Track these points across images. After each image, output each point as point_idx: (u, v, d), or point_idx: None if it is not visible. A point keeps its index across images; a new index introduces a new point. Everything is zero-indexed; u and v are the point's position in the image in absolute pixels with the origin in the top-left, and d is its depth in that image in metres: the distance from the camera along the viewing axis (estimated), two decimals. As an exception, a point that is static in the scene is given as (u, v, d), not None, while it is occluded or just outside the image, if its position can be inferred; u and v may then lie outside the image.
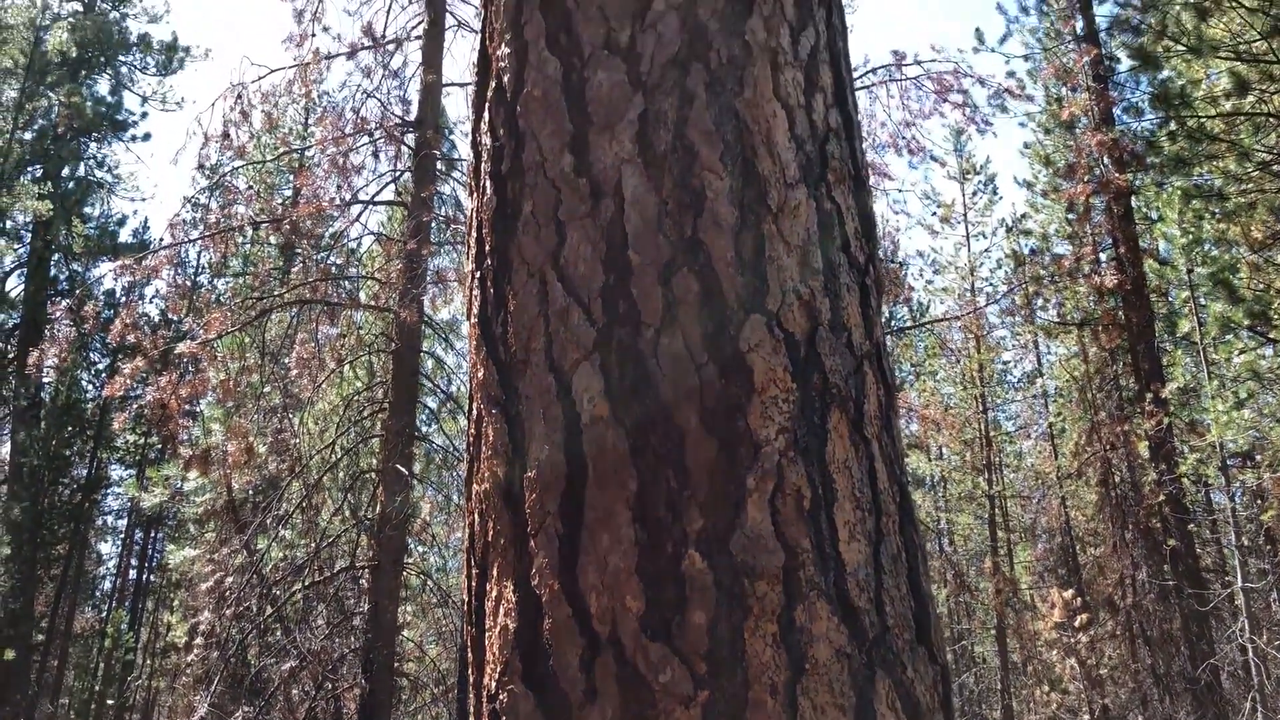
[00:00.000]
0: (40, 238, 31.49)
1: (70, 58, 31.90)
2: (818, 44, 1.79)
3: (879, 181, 15.64)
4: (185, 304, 14.37)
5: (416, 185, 12.36)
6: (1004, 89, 16.11)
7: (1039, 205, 21.57)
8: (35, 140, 31.94)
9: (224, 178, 14.16)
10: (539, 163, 1.67)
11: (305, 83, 13.15)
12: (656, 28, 1.67)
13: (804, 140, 1.67)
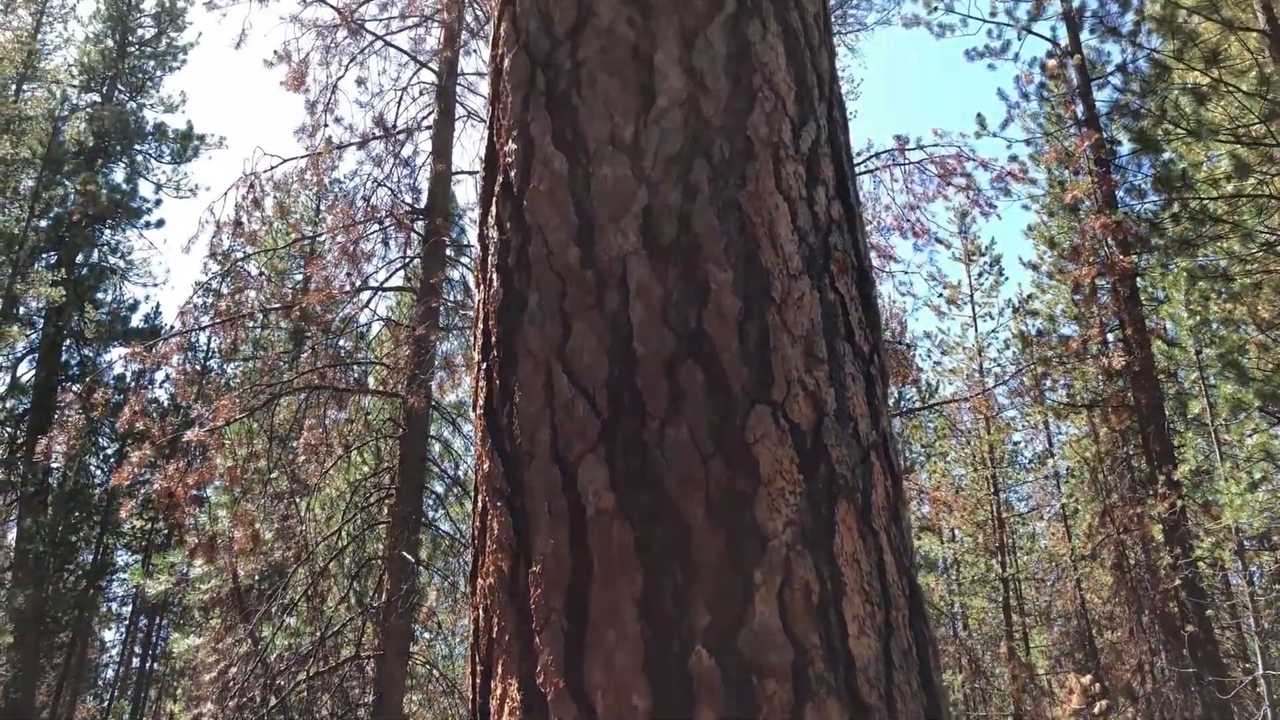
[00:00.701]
0: (52, 323, 31.74)
1: (87, 147, 32.50)
2: (819, 138, 1.82)
3: (885, 264, 15.73)
4: (194, 390, 14.42)
5: (426, 271, 12.49)
6: (1007, 172, 16.25)
7: (1045, 286, 21.66)
8: (50, 227, 32.39)
9: (236, 264, 14.32)
10: (545, 255, 1.69)
11: (317, 171, 13.37)
12: (660, 124, 1.70)
13: (807, 232, 1.69)
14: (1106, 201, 15.69)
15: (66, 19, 33.95)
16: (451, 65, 13.21)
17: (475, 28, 13.77)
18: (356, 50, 13.59)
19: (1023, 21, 18.72)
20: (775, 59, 1.81)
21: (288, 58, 13.01)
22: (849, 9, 22.29)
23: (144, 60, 35.40)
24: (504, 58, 1.99)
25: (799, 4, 1.95)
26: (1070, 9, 17.58)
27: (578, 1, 1.87)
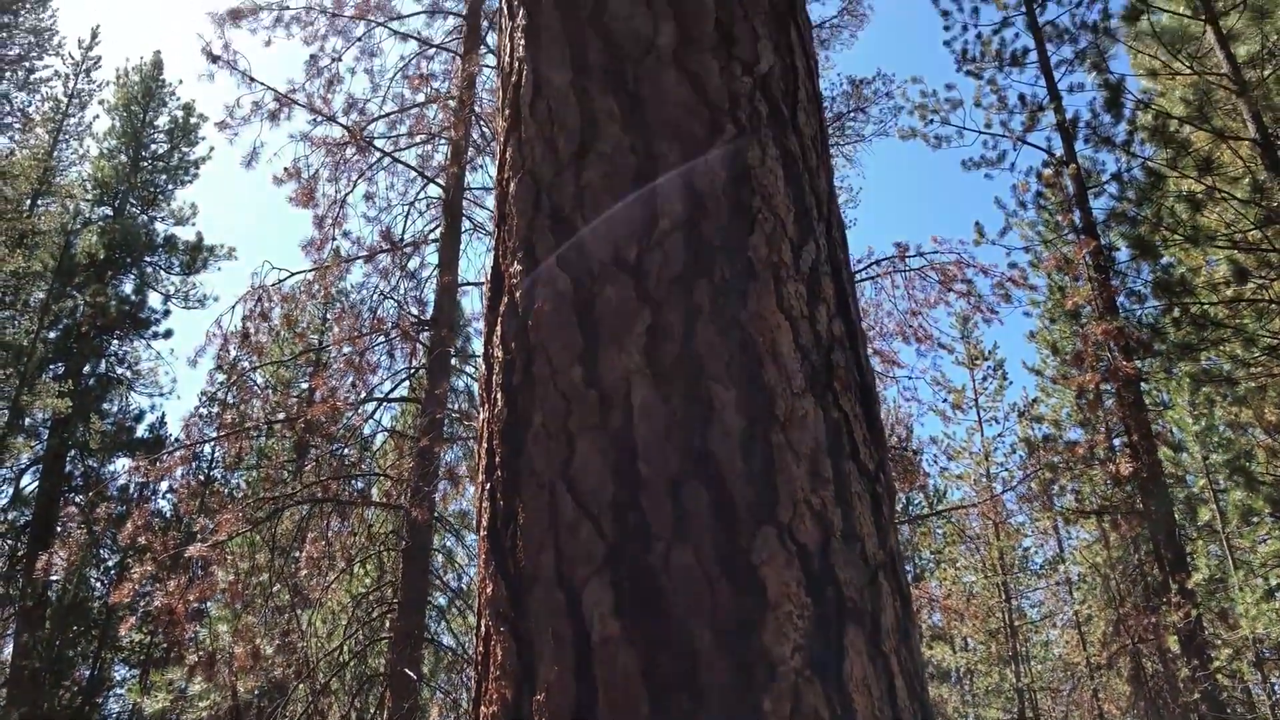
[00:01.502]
0: (58, 435, 31.74)
1: (98, 259, 32.95)
2: (819, 257, 1.84)
3: (888, 370, 15.75)
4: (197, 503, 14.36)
5: (431, 382, 12.55)
6: (1007, 279, 16.40)
7: (1049, 391, 21.68)
8: (59, 338, 32.65)
9: (242, 375, 14.39)
10: (549, 375, 1.70)
11: (324, 284, 13.54)
12: (663, 245, 1.73)
13: (809, 350, 1.70)
14: (1107, 307, 15.82)
15: (83, 136, 34.77)
16: (458, 180, 13.49)
17: (481, 144, 14.10)
18: (365, 166, 13.91)
19: (1018, 132, 19.16)
20: (774, 182, 1.85)
21: (297, 174, 13.29)
22: (847, 122, 22.79)
23: (157, 174, 36.13)
24: (509, 181, 2.03)
25: (797, 128, 2.00)
26: (1064, 120, 17.98)
27: (581, 128, 1.91)
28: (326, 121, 13.84)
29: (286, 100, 13.63)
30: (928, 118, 19.87)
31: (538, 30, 2.14)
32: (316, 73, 14.10)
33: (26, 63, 32.81)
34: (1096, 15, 18.52)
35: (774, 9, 2.16)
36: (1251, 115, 14.79)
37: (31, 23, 33.17)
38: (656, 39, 1.98)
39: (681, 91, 1.91)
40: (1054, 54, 19.24)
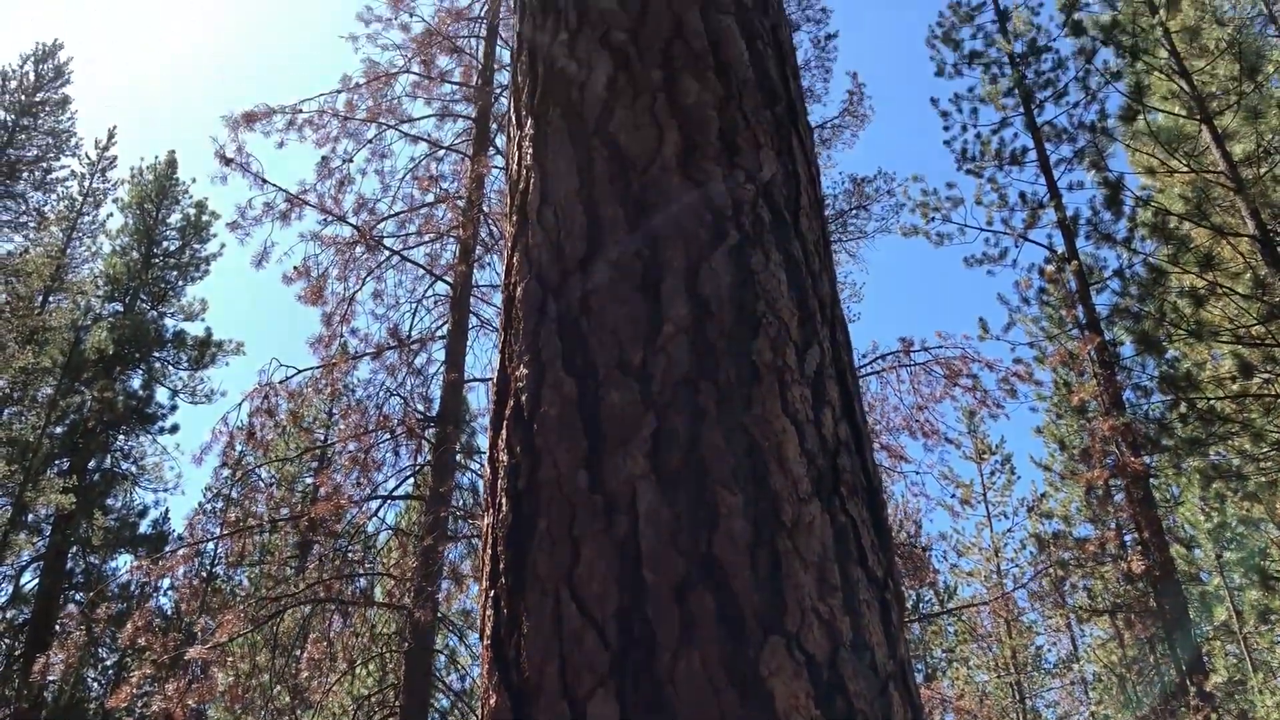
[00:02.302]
0: (60, 531, 31.53)
1: (107, 354, 33.12)
2: (823, 360, 1.85)
3: (896, 465, 15.70)
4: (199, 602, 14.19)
5: (435, 480, 12.51)
6: (1012, 373, 16.43)
7: (1058, 485, 21.51)
8: (65, 434, 32.64)
9: (247, 472, 14.36)
10: (554, 479, 1.69)
11: (331, 382, 13.60)
12: (667, 349, 1.74)
13: (815, 454, 1.70)
14: (1113, 403, 15.81)
15: (96, 234, 35.25)
16: (466, 278, 13.64)
17: (490, 242, 14.29)
18: (374, 264, 14.08)
19: (1019, 230, 19.37)
20: (778, 286, 1.86)
21: (307, 273, 13.45)
22: (849, 219, 23.08)
23: (168, 271, 36.52)
24: (516, 286, 2.06)
25: (799, 233, 2.03)
26: (1065, 217, 18.20)
27: (588, 234, 1.94)
28: (337, 221, 14.06)
29: (298, 201, 13.87)
30: (929, 215, 20.13)
31: (545, 139, 2.19)
32: (328, 173, 14.37)
33: (44, 163, 33.46)
34: (1094, 115, 18.89)
35: (776, 118, 2.21)
36: (1250, 212, 14.96)
37: (50, 125, 33.92)
38: (662, 148, 2.02)
39: (686, 199, 1.94)
40: (1053, 153, 19.57)
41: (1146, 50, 16.50)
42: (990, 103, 20.64)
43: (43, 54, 34.18)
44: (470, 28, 16.44)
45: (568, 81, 2.23)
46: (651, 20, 2.25)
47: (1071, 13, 17.42)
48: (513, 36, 2.73)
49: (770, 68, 2.33)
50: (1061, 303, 18.63)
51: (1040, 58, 20.33)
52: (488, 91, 15.45)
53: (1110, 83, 17.76)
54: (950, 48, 21.49)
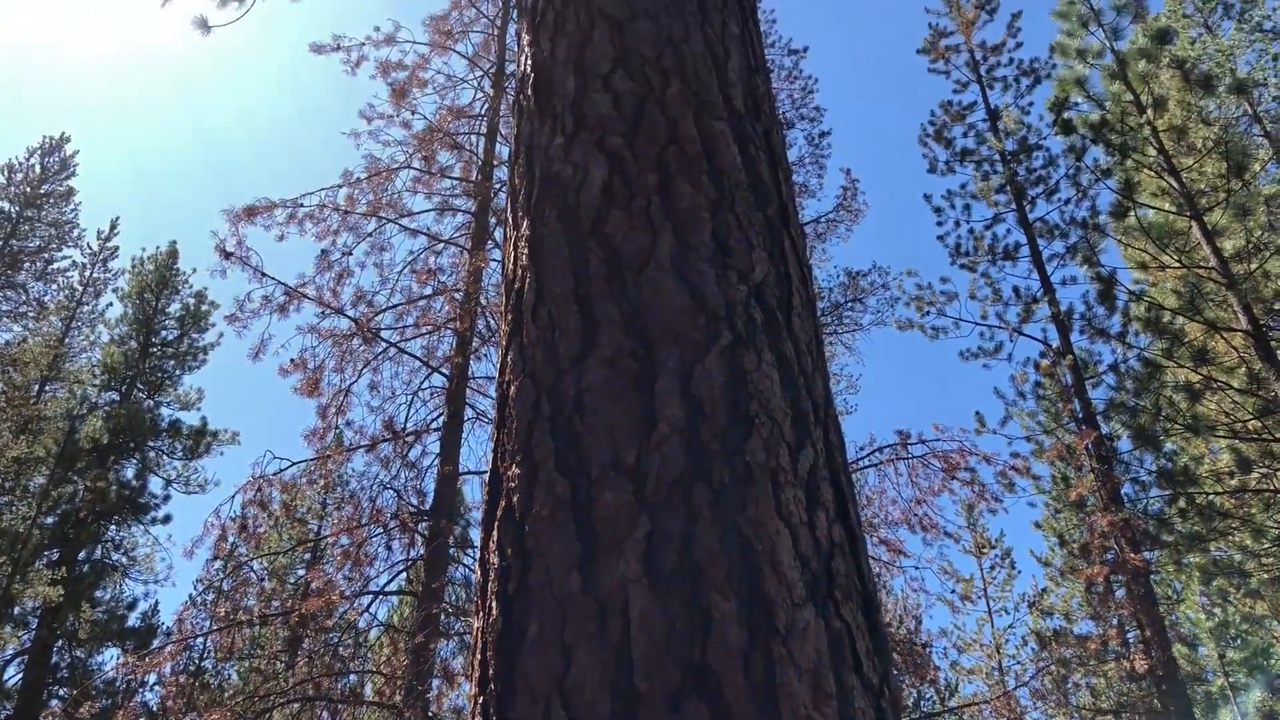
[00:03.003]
0: (46, 624, 30.99)
1: (101, 444, 32.96)
2: (817, 462, 1.85)
3: (894, 559, 15.56)
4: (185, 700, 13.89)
5: (428, 575, 12.37)
6: (1010, 467, 16.39)
7: (1059, 580, 21.28)
8: (56, 524, 32.29)
9: (239, 565, 14.20)
10: (546, 583, 1.68)
11: (325, 474, 13.54)
12: (661, 449, 1.74)
13: (809, 558, 1.68)
14: (1111, 498, 15.73)
15: (95, 323, 35.39)
16: (462, 370, 13.67)
17: (486, 334, 14.35)
18: (371, 356, 14.13)
19: (1013, 324, 19.49)
20: (771, 386, 1.87)
21: (303, 365, 13.49)
22: (845, 311, 23.28)
23: (165, 360, 36.54)
24: (510, 384, 2.06)
25: (792, 333, 2.04)
26: (1059, 312, 18.32)
27: (583, 333, 1.95)
28: (335, 314, 14.15)
29: (296, 294, 13.97)
30: (924, 310, 20.28)
31: (541, 240, 2.21)
32: (327, 266, 14.51)
33: (46, 254, 33.76)
34: (1085, 212, 19.14)
35: (768, 220, 2.24)
36: (1242, 307, 15.09)
37: (54, 216, 34.31)
38: (656, 249, 2.04)
39: (679, 299, 1.96)
40: (1046, 248, 19.78)
41: (1135, 148, 16.82)
42: (983, 199, 20.95)
43: (49, 147, 34.74)
44: (470, 125, 16.76)
45: (564, 184, 2.27)
46: (647, 125, 2.30)
47: (1061, 112, 17.78)
48: (511, 138, 2.79)
49: (763, 171, 2.37)
50: (1058, 397, 18.65)
51: (1031, 155, 20.70)
52: (487, 187, 15.68)
53: (1101, 180, 18.05)
54: (942, 145, 21.90)
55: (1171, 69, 17.94)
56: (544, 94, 2.55)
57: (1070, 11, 17.80)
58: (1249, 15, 26.71)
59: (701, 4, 2.67)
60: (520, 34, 2.95)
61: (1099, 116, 16.99)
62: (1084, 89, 17.42)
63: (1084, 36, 17.74)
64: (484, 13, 17.79)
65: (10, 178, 33.59)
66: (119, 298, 36.17)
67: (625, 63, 2.45)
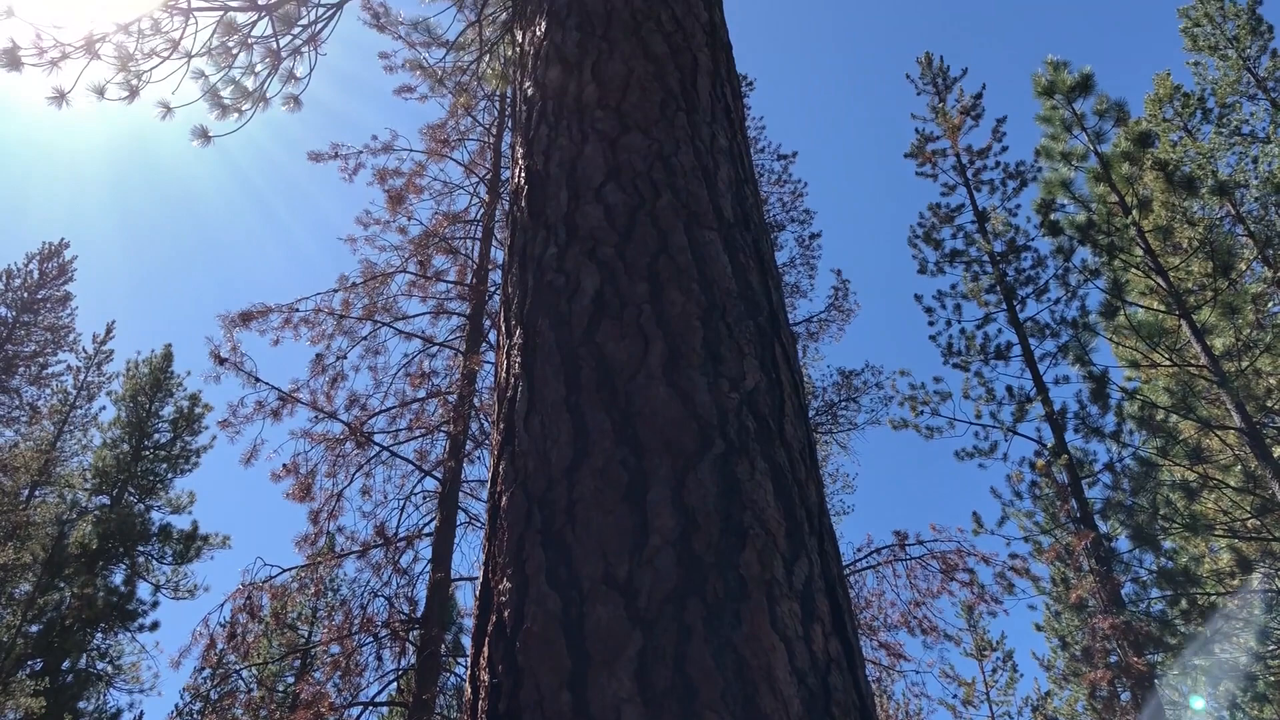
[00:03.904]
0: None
1: (90, 549, 32.57)
2: (812, 573, 1.83)
3: (894, 663, 15.31)
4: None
5: (419, 686, 12.10)
6: (1009, 568, 16.27)
7: (1062, 684, 20.91)
8: (41, 633, 31.71)
9: (227, 674, 13.90)
10: (536, 701, 1.64)
11: (316, 580, 13.37)
12: (654, 562, 1.72)
13: (805, 673, 1.65)
14: (1112, 600, 15.53)
15: (88, 427, 35.27)
16: (455, 474, 13.61)
17: (480, 437, 14.33)
18: (363, 460, 14.05)
19: (1008, 424, 19.50)
20: (764, 496, 1.86)
21: (295, 470, 13.42)
22: (839, 410, 23.29)
23: (157, 463, 36.34)
24: (501, 495, 2.05)
25: (784, 441, 2.04)
26: (1052, 412, 18.35)
27: (574, 442, 1.95)
28: (328, 418, 14.12)
29: (290, 399, 13.96)
30: (918, 409, 20.31)
31: (534, 349, 2.22)
32: (321, 370, 14.53)
33: (41, 359, 33.84)
34: (1075, 312, 19.31)
35: (759, 328, 2.25)
36: (1235, 406, 15.11)
37: (50, 321, 34.49)
38: (647, 357, 2.05)
39: (671, 407, 1.96)
40: (1037, 348, 19.91)
41: (1123, 249, 17.05)
42: (973, 299, 21.16)
43: (48, 252, 35.11)
44: (466, 229, 16.97)
45: (556, 293, 2.29)
46: (638, 236, 2.33)
47: (1047, 213, 18.08)
48: (505, 247, 2.82)
49: (753, 279, 2.39)
50: (1055, 496, 18.55)
51: (1020, 256, 21.00)
52: (482, 290, 15.81)
53: (1089, 279, 18.26)
54: (931, 247, 22.22)
55: (1154, 171, 18.30)
56: (538, 206, 2.59)
57: (1053, 116, 18.22)
58: (1227, 119, 27.36)
59: (691, 118, 2.73)
60: (515, 147, 3.01)
61: (1085, 218, 17.26)
62: (1069, 191, 17.73)
63: (1068, 140, 18.12)
64: (479, 121, 18.15)
65: (8, 283, 33.86)
66: (113, 401, 36.13)
67: (617, 175, 2.50)
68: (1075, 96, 18.14)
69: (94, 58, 7.12)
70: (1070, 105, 18.18)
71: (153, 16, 7.19)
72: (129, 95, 7.34)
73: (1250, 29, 27.13)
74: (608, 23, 2.98)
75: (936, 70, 24.76)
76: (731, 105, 3.02)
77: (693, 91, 2.84)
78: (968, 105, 23.55)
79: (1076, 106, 18.15)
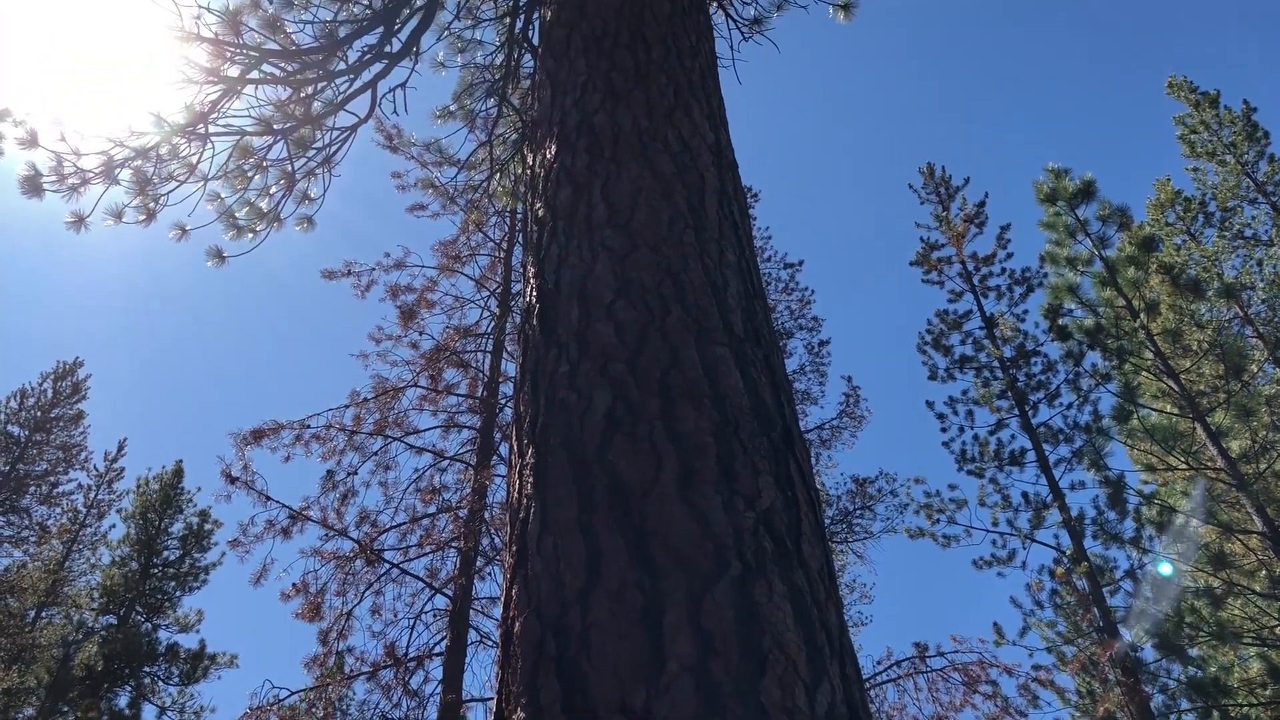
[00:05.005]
0: None
1: (96, 670, 32.03)
2: (834, 699, 1.77)
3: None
4: None
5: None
6: (1032, 679, 15.90)
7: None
8: (44, 761, 31.00)
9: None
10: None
11: (325, 703, 13.07)
12: (671, 690, 1.67)
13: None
14: (1141, 713, 15.08)
15: (96, 545, 35.04)
16: (466, 591, 13.42)
17: (491, 554, 14.17)
18: (373, 578, 13.88)
19: (1025, 531, 19.21)
20: (783, 620, 1.81)
21: (305, 589, 13.25)
22: (854, 519, 23.05)
23: (166, 581, 35.97)
24: (515, 620, 2.00)
25: (802, 560, 2.00)
26: (1069, 518, 18.08)
27: (588, 564, 1.91)
28: (338, 535, 14.01)
29: (300, 516, 13.88)
30: (934, 518, 20.06)
31: (545, 468, 2.20)
32: (332, 486, 14.48)
33: (52, 478, 33.83)
34: (1088, 416, 19.18)
35: (772, 444, 2.23)
36: (1255, 509, 14.90)
37: (62, 439, 34.56)
38: (660, 475, 2.03)
39: (686, 527, 1.93)
40: (1051, 453, 19.71)
41: (1132, 352, 17.04)
42: (984, 405, 21.07)
43: (62, 371, 35.39)
44: (477, 343, 17.09)
45: (568, 411, 2.28)
46: (649, 352, 2.33)
47: (1055, 318, 18.14)
48: (516, 367, 2.83)
49: (765, 394, 2.38)
50: (1076, 604, 18.17)
51: (1030, 361, 20.97)
52: (492, 404, 15.83)
53: (1101, 384, 18.20)
54: (941, 353, 22.23)
55: (1160, 274, 18.43)
56: (549, 324, 2.60)
57: (1057, 222, 18.43)
58: (1229, 223, 27.66)
59: (699, 234, 2.76)
60: (526, 266, 3.04)
61: (1093, 322, 17.30)
62: (1076, 295, 17.82)
63: (1072, 245, 18.29)
64: (490, 236, 18.43)
65: (22, 402, 34.07)
66: (122, 518, 35.98)
67: (627, 292, 2.51)
68: (1078, 202, 18.38)
69: (113, 183, 7.28)
70: (1073, 211, 18.40)
71: (171, 142, 7.37)
72: (146, 218, 7.48)
73: (1246, 135, 27.62)
74: (616, 144, 3.04)
75: (939, 180, 25.15)
76: (739, 221, 3.06)
77: (700, 209, 2.88)
78: (971, 213, 23.85)
79: (1079, 212, 18.37)
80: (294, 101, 7.85)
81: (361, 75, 7.90)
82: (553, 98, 3.55)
